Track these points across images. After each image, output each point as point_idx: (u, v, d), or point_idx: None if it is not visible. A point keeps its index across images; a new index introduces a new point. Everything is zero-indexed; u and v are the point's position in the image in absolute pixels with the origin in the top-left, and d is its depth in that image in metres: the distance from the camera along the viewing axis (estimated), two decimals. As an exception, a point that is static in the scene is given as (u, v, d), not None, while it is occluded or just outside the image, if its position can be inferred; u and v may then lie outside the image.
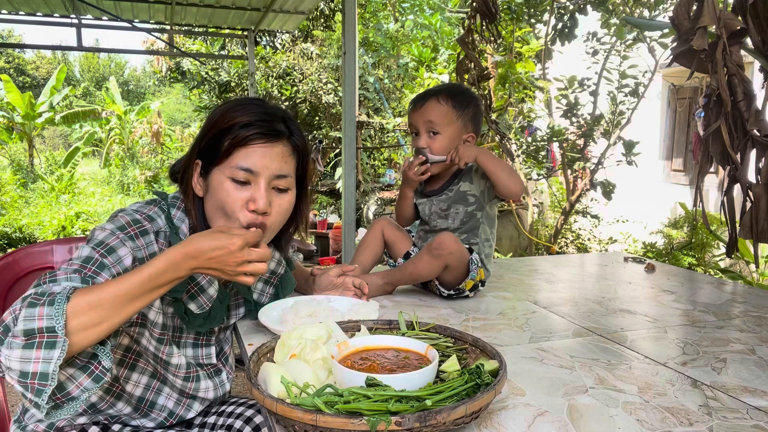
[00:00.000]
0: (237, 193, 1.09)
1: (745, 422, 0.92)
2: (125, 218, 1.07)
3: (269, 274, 1.38)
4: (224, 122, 1.10)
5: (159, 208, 1.14)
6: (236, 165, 1.08)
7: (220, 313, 1.21)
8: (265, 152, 1.09)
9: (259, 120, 1.10)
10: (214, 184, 1.10)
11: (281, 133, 1.12)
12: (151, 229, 1.08)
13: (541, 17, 5.33)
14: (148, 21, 7.29)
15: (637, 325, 1.43)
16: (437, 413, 0.77)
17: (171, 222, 1.12)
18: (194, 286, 1.15)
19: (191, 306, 1.15)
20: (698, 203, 1.70)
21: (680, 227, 6.15)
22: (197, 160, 1.14)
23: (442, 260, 1.48)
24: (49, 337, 0.80)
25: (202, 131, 1.14)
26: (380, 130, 9.13)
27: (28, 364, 0.79)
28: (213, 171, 1.11)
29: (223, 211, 1.10)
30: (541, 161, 5.57)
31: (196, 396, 1.23)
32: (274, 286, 1.39)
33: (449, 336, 1.12)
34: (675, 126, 7.46)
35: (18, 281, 1.51)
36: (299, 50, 10.54)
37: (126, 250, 1.02)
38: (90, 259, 0.98)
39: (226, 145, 1.09)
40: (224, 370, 1.29)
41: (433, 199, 1.67)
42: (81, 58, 34.67)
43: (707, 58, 1.56)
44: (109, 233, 1.03)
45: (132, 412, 1.20)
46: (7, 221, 7.98)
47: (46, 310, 0.81)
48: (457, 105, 1.60)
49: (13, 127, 14.21)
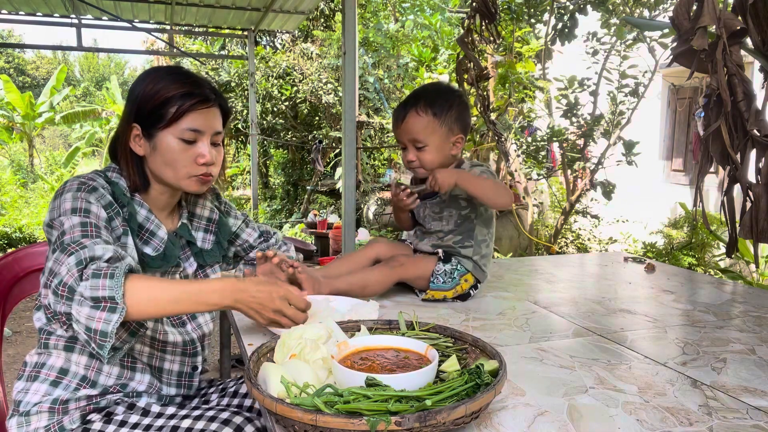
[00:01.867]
0: (186, 151, 1.27)
1: (745, 422, 0.92)
2: (74, 183, 1.22)
3: (206, 222, 1.49)
4: (164, 93, 1.26)
5: (95, 172, 1.29)
6: (186, 127, 1.26)
7: (174, 253, 1.34)
8: (206, 115, 1.29)
9: (196, 90, 1.28)
10: (161, 145, 1.27)
11: (213, 98, 1.32)
12: (97, 184, 1.24)
13: (541, 17, 5.32)
14: (148, 21, 7.29)
15: (637, 325, 1.43)
16: (437, 413, 0.77)
17: (108, 179, 1.28)
18: (145, 232, 1.30)
19: (147, 250, 1.29)
20: (698, 203, 1.70)
21: (680, 227, 6.15)
22: (134, 124, 1.29)
23: (395, 273, 1.58)
24: (111, 304, 1.00)
25: (139, 100, 1.28)
26: (380, 130, 9.13)
27: (92, 322, 0.99)
28: (159, 133, 1.27)
29: (173, 166, 1.28)
30: (541, 161, 5.57)
31: (167, 343, 1.32)
32: (213, 233, 1.48)
33: (449, 336, 1.12)
34: (675, 126, 7.45)
35: (18, 281, 1.51)
36: (299, 50, 10.53)
37: (95, 205, 1.19)
38: (84, 223, 1.14)
39: (173, 112, 1.25)
40: (189, 324, 1.38)
41: (427, 202, 1.66)
42: (81, 58, 34.69)
43: (707, 58, 1.56)
44: (72, 199, 1.18)
45: (119, 373, 1.28)
46: (7, 221, 7.98)
47: (108, 282, 1.01)
48: (438, 112, 1.55)
49: (13, 127, 14.20)
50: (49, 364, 1.25)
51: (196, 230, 1.45)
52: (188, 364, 1.37)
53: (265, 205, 11.11)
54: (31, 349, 1.34)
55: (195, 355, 1.38)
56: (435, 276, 1.59)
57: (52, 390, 1.23)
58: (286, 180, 11.17)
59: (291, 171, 11.09)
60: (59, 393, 1.23)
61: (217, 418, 1.21)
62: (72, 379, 1.24)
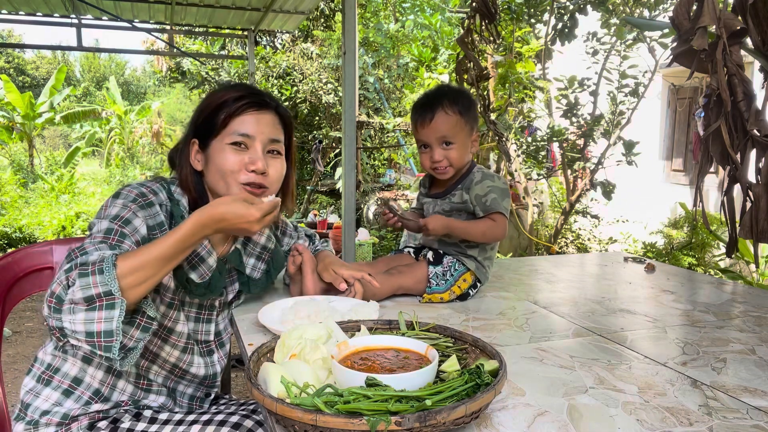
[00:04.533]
0: (236, 157, 1.21)
1: (745, 422, 0.92)
2: (133, 192, 1.17)
3: (260, 249, 1.43)
4: (217, 100, 1.23)
5: (160, 184, 1.25)
6: (234, 132, 1.21)
7: (219, 284, 1.28)
8: (258, 119, 1.23)
9: (249, 93, 1.24)
10: (213, 154, 1.22)
11: (269, 104, 1.27)
12: (156, 201, 1.19)
13: (541, 17, 5.32)
14: (148, 21, 7.29)
15: (637, 325, 1.43)
16: (437, 413, 0.77)
17: (171, 195, 1.24)
18: (195, 256, 1.24)
19: (192, 275, 1.23)
20: (698, 203, 1.70)
21: (680, 227, 6.15)
22: (193, 138, 1.26)
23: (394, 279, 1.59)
24: (108, 300, 0.92)
25: (197, 112, 1.26)
26: (380, 130, 9.13)
27: (93, 325, 0.91)
28: (211, 144, 1.23)
29: (222, 174, 1.21)
30: (541, 161, 5.57)
31: (187, 372, 1.28)
32: (265, 261, 1.44)
33: (449, 336, 1.12)
34: (675, 126, 7.46)
35: (18, 281, 1.51)
36: (299, 50, 10.54)
37: (140, 221, 1.13)
38: (111, 230, 1.09)
39: (222, 118, 1.21)
40: (216, 353, 1.35)
41: (437, 200, 1.67)
42: (81, 58, 34.66)
43: (707, 58, 1.56)
44: (122, 206, 1.13)
45: (133, 391, 1.25)
46: (7, 221, 7.98)
47: (99, 278, 0.93)
48: (463, 110, 1.58)
49: (13, 127, 14.20)
50: (64, 371, 1.22)
51: (249, 256, 1.39)
52: (203, 391, 1.35)
53: (265, 205, 11.09)
54: (36, 347, 1.32)
55: (212, 386, 1.36)
56: (429, 280, 1.60)
57: (63, 400, 1.20)
58: (286, 180, 11.16)
59: (291, 171, 11.08)
60: (70, 405, 1.20)
61: (227, 422, 1.19)
62: (85, 391, 1.21)
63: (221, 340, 1.38)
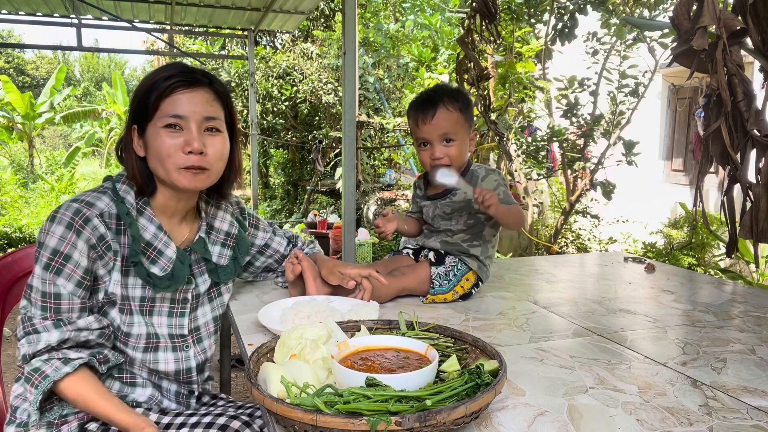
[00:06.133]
0: (171, 140, 1.18)
1: (745, 422, 0.92)
2: (67, 215, 1.15)
3: (224, 236, 1.40)
4: (148, 82, 1.20)
5: (104, 187, 1.23)
6: (166, 113, 1.17)
7: (183, 273, 1.26)
8: (189, 97, 1.18)
9: (179, 72, 1.19)
10: (150, 139, 1.19)
11: (201, 80, 1.21)
12: (93, 213, 1.16)
13: (541, 17, 5.32)
14: (148, 21, 7.29)
15: (637, 325, 1.42)
16: (437, 413, 0.77)
17: (117, 195, 1.21)
18: (153, 250, 1.22)
19: (154, 270, 1.22)
20: (698, 203, 1.70)
21: (680, 227, 6.15)
22: (133, 125, 1.22)
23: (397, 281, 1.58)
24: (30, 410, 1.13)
25: (132, 97, 1.24)
26: (380, 130, 9.12)
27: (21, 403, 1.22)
28: (147, 128, 1.20)
29: (160, 159, 1.18)
30: (541, 161, 5.57)
31: (157, 370, 1.27)
32: (231, 248, 1.41)
33: (449, 336, 1.12)
34: (675, 126, 7.45)
35: (18, 281, 1.51)
36: (299, 50, 10.53)
37: (78, 252, 1.14)
38: (45, 293, 1.13)
39: (153, 100, 1.17)
40: (192, 348, 1.31)
41: (437, 202, 1.67)
42: (81, 58, 34.70)
43: (707, 58, 1.56)
44: (59, 238, 1.13)
45: (120, 388, 1.27)
46: (7, 221, 7.97)
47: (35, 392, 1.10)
48: (462, 108, 1.59)
49: (13, 127, 14.20)
50: None
51: (213, 244, 1.37)
52: (184, 388, 1.34)
53: (265, 205, 11.11)
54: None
55: (189, 382, 1.33)
56: (432, 281, 1.60)
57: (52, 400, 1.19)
58: (286, 180, 11.18)
59: (291, 171, 11.10)
60: (59, 407, 1.20)
61: (214, 425, 1.19)
62: None
63: (199, 335, 1.34)
